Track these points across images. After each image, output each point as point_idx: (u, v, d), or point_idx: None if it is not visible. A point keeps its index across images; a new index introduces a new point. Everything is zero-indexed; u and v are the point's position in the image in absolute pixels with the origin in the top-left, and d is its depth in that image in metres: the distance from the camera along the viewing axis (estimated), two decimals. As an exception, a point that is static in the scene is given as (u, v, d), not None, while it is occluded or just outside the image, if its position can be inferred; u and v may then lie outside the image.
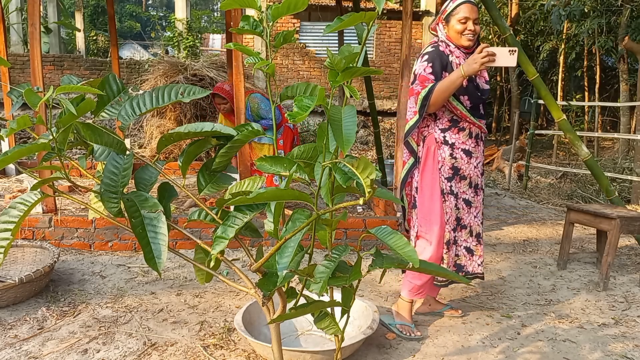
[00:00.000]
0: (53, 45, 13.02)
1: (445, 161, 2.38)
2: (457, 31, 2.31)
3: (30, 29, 3.34)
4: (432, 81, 2.29)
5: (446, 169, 2.38)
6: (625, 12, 8.10)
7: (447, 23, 2.35)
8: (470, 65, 2.22)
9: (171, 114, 6.85)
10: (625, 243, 4.20)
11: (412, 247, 1.18)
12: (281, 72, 11.13)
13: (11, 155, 1.12)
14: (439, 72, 2.30)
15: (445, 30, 2.37)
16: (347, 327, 1.55)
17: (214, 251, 1.26)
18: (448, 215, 2.41)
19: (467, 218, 2.45)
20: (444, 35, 2.38)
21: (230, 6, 1.25)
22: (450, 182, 2.38)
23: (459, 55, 2.36)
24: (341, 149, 1.08)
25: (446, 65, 2.32)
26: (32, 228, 3.53)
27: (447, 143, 2.37)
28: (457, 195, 2.40)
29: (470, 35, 2.31)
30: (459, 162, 2.38)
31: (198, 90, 1.31)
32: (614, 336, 2.52)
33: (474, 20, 2.30)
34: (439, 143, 2.38)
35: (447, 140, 2.37)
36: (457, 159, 2.37)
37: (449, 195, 2.39)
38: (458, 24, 2.30)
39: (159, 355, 2.21)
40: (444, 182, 2.39)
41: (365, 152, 9.35)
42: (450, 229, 2.42)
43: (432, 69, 2.31)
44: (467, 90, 2.34)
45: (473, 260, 2.49)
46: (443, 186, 2.39)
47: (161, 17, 25.31)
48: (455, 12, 2.31)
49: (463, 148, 2.38)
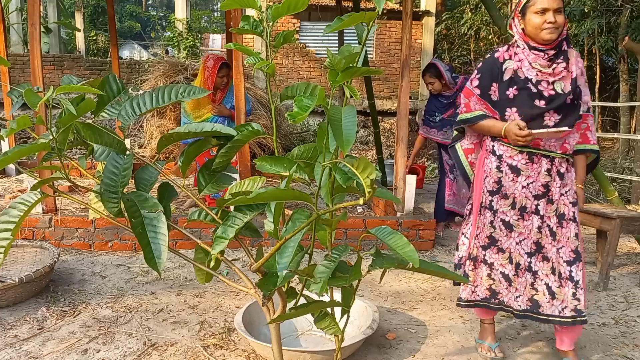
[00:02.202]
0: (53, 45, 13.01)
1: (492, 173, 2.13)
2: (534, 25, 1.96)
3: (30, 29, 3.34)
4: (476, 96, 2.13)
5: (491, 181, 2.13)
6: (625, 12, 8.11)
7: (523, 17, 2.02)
8: (510, 134, 2.00)
9: (171, 114, 6.84)
10: (625, 243, 4.20)
11: (412, 247, 1.18)
12: (281, 72, 11.13)
13: (11, 155, 1.12)
14: (486, 87, 2.10)
15: (522, 25, 2.03)
16: (347, 327, 1.55)
17: (214, 251, 1.26)
18: (479, 230, 2.17)
19: (505, 242, 2.12)
20: (518, 33, 2.06)
21: (230, 6, 1.25)
22: (491, 197, 2.13)
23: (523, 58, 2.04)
24: (341, 149, 1.08)
25: (497, 76, 2.08)
26: (32, 228, 3.53)
27: (495, 154, 2.12)
28: (495, 212, 2.13)
29: (551, 28, 1.94)
30: (504, 177, 2.10)
31: (198, 90, 1.31)
32: (614, 336, 2.52)
33: (555, 10, 1.93)
34: (488, 152, 2.16)
35: (495, 150, 2.12)
36: (503, 173, 2.10)
37: (486, 210, 2.15)
38: (535, 16, 1.95)
39: (159, 355, 2.21)
40: (485, 195, 2.15)
41: (365, 152, 9.35)
42: (478, 244, 2.17)
43: (479, 81, 2.13)
44: (516, 101, 2.04)
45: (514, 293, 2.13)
46: (483, 198, 2.15)
47: (161, 17, 25.31)
48: (532, 3, 1.97)
49: (509, 163, 2.09)
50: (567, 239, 2.06)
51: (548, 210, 2.07)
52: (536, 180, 2.06)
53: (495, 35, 11.05)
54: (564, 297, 2.05)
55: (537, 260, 2.10)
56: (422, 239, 3.83)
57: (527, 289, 2.11)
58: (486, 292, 2.19)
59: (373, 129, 5.63)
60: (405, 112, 3.82)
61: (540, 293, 2.09)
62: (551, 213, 2.07)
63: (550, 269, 2.07)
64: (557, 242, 2.07)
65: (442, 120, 4.17)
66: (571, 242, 2.06)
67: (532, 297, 2.10)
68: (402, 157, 3.87)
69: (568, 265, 2.05)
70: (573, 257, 2.05)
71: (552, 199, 2.07)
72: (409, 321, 2.63)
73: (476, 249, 2.18)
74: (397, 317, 2.67)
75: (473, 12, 11.17)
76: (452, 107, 4.10)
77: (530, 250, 2.10)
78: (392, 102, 10.62)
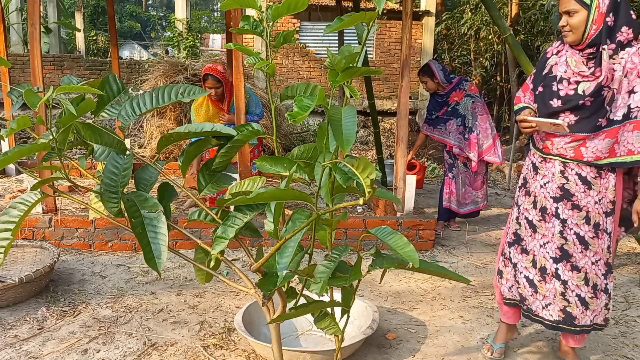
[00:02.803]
0: (53, 45, 13.01)
1: (523, 168, 2.18)
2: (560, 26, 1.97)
3: (30, 29, 3.34)
4: (529, 90, 2.14)
5: (521, 176, 2.17)
6: (625, 12, 8.09)
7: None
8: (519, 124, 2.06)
9: (171, 114, 6.85)
10: (625, 243, 4.20)
11: (412, 247, 1.18)
12: (281, 72, 11.13)
13: (11, 155, 1.12)
14: (537, 82, 2.09)
15: None
16: (347, 327, 1.55)
17: (214, 251, 1.26)
18: (508, 226, 2.20)
19: (529, 242, 2.10)
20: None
21: (230, 6, 1.25)
22: (519, 192, 2.16)
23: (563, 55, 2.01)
24: (341, 149, 1.08)
25: (543, 69, 2.07)
26: (32, 228, 3.53)
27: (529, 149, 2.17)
28: (519, 208, 2.14)
29: (564, 31, 1.94)
30: (528, 174, 2.14)
31: (198, 90, 1.31)
32: (614, 336, 2.52)
33: (566, 12, 1.92)
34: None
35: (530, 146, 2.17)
36: (528, 169, 2.15)
37: (514, 205, 2.18)
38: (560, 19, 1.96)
39: (159, 355, 2.21)
40: (516, 190, 2.19)
41: (365, 152, 9.35)
42: (506, 241, 2.19)
43: (533, 76, 2.13)
44: (538, 97, 2.06)
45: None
46: (515, 193, 2.20)
47: (161, 17, 25.31)
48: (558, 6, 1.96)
49: (532, 160, 2.13)
50: (602, 251, 2.00)
51: (575, 216, 2.00)
52: (552, 181, 2.03)
53: (495, 35, 11.05)
54: (596, 307, 2.02)
55: (565, 268, 2.03)
56: (422, 239, 3.83)
57: (558, 298, 2.05)
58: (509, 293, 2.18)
59: (373, 129, 5.63)
60: (405, 112, 3.82)
61: (573, 305, 2.02)
62: (580, 220, 1.99)
63: (583, 280, 2.01)
64: (594, 253, 2.00)
65: (437, 118, 4.29)
66: (604, 254, 2.00)
67: (564, 308, 2.04)
68: (402, 157, 3.87)
69: (605, 279, 2.01)
70: (606, 269, 2.01)
71: (579, 205, 1.99)
72: (409, 321, 2.63)
73: (506, 245, 2.19)
74: (397, 317, 2.67)
75: (473, 12, 11.17)
76: (445, 105, 4.23)
77: (556, 256, 2.04)
78: (392, 102, 10.62)
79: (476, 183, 4.25)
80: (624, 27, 1.87)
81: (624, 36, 1.87)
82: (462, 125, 4.13)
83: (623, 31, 1.87)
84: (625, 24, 1.87)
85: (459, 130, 4.14)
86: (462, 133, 4.14)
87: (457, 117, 4.15)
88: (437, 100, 4.29)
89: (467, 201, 4.28)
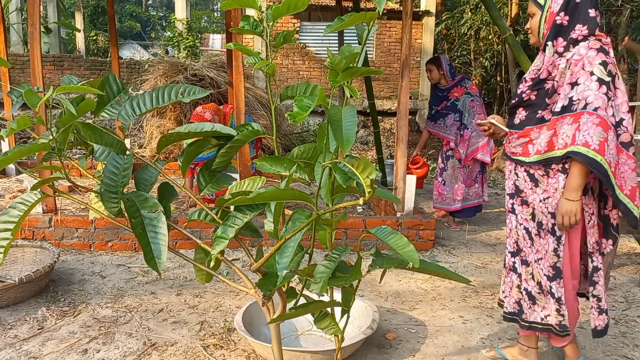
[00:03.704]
0: (53, 45, 13.01)
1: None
2: None
3: (30, 29, 3.34)
4: None
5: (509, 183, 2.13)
6: (625, 12, 8.12)
7: None
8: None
9: (171, 114, 6.84)
10: (625, 243, 4.20)
11: (412, 247, 1.18)
12: (281, 72, 11.12)
13: (11, 155, 1.12)
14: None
15: None
16: (347, 327, 1.55)
17: (214, 251, 1.26)
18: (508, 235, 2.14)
19: (528, 253, 2.04)
20: None
21: (230, 6, 1.25)
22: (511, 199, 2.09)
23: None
24: (341, 149, 1.08)
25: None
26: (32, 228, 3.53)
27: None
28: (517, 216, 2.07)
29: (529, 33, 2.04)
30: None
31: (198, 90, 1.31)
32: (614, 336, 2.52)
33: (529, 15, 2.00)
34: None
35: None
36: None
37: (509, 213, 2.11)
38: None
39: (159, 355, 2.21)
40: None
41: (365, 152, 9.35)
42: (509, 250, 2.13)
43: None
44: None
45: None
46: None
47: (161, 17, 25.33)
48: None
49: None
50: (546, 252, 1.96)
51: (524, 212, 2.02)
52: (509, 179, 2.09)
53: (495, 35, 11.05)
54: (546, 304, 2.00)
55: (519, 262, 2.07)
56: (422, 239, 3.83)
57: (514, 290, 2.09)
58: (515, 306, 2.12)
59: (373, 129, 5.63)
60: (405, 112, 3.83)
61: (524, 298, 2.06)
62: (527, 216, 2.00)
63: (530, 275, 2.03)
64: (536, 251, 2.00)
65: (437, 113, 4.46)
66: (549, 256, 1.95)
67: (519, 300, 2.08)
68: (402, 157, 3.87)
69: (548, 280, 1.97)
70: (552, 273, 1.95)
71: (527, 201, 1.99)
72: (409, 321, 2.63)
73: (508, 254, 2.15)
74: (397, 317, 2.67)
75: (473, 12, 11.17)
76: (444, 100, 4.40)
77: (513, 250, 2.10)
78: (392, 102, 10.62)
79: (469, 180, 4.37)
80: (579, 24, 1.85)
81: (577, 33, 1.85)
82: (459, 121, 4.30)
83: (577, 29, 1.85)
84: (580, 21, 1.85)
85: (456, 125, 4.31)
86: (459, 129, 4.31)
87: (455, 113, 4.32)
88: (438, 94, 4.46)
89: (459, 197, 4.36)
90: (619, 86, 1.85)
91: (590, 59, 1.81)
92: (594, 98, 1.77)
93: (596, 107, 1.76)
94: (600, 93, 1.77)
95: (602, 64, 1.79)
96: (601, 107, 1.76)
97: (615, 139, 1.80)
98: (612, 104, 1.80)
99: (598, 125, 1.75)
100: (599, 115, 1.75)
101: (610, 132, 1.76)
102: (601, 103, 1.76)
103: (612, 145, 1.77)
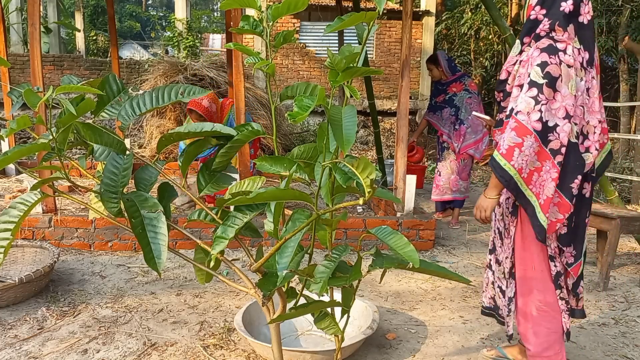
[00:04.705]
0: (53, 45, 13.01)
1: None
2: None
3: (30, 29, 3.34)
4: None
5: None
6: (625, 12, 8.12)
7: None
8: None
9: (171, 114, 6.85)
10: (625, 243, 4.20)
11: (412, 247, 1.18)
12: (281, 72, 11.12)
13: (11, 155, 1.12)
14: None
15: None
16: (347, 327, 1.55)
17: (213, 251, 1.26)
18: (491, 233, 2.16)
19: (500, 252, 2.07)
20: None
21: (230, 6, 1.25)
22: None
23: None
24: (341, 149, 1.08)
25: None
26: (32, 228, 3.53)
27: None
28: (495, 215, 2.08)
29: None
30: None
31: (198, 90, 1.31)
32: (614, 336, 2.52)
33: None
34: None
35: None
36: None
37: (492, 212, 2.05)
38: None
39: (159, 355, 2.21)
40: None
41: (365, 152, 9.35)
42: (488, 248, 2.16)
43: None
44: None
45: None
46: None
47: (161, 17, 25.32)
48: None
49: None
50: (507, 255, 1.99)
51: (497, 211, 2.05)
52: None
53: (495, 35, 11.05)
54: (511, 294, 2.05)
55: (494, 260, 2.12)
56: (422, 239, 3.83)
57: (490, 286, 2.15)
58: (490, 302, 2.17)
59: (373, 129, 5.63)
60: (405, 112, 3.83)
61: (498, 294, 2.10)
62: (499, 216, 2.03)
63: (502, 272, 2.05)
64: (503, 250, 2.04)
65: (436, 105, 4.62)
66: (508, 262, 1.98)
67: (494, 296, 2.14)
68: (402, 157, 3.87)
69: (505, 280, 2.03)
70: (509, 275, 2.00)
71: (500, 202, 2.00)
72: (409, 321, 2.63)
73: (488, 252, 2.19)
74: (397, 317, 2.67)
75: (473, 12, 11.17)
76: (443, 93, 4.56)
77: (491, 247, 2.14)
78: (392, 102, 10.62)
79: (463, 174, 4.49)
80: (545, 18, 1.77)
81: (540, 28, 1.78)
82: (455, 115, 4.42)
83: (544, 23, 1.77)
84: (548, 16, 1.77)
85: (451, 120, 4.44)
86: (454, 123, 4.43)
87: (451, 107, 4.45)
88: (438, 87, 4.63)
89: (454, 189, 4.50)
90: (560, 89, 1.70)
91: (532, 60, 1.74)
92: (520, 101, 1.72)
93: (517, 111, 1.71)
94: (527, 96, 1.70)
95: (541, 65, 1.70)
96: (522, 111, 1.70)
97: (537, 144, 1.72)
98: (545, 108, 1.69)
99: (513, 129, 1.71)
100: (517, 119, 1.71)
101: (528, 137, 1.69)
102: (524, 107, 1.70)
103: (528, 152, 1.70)
